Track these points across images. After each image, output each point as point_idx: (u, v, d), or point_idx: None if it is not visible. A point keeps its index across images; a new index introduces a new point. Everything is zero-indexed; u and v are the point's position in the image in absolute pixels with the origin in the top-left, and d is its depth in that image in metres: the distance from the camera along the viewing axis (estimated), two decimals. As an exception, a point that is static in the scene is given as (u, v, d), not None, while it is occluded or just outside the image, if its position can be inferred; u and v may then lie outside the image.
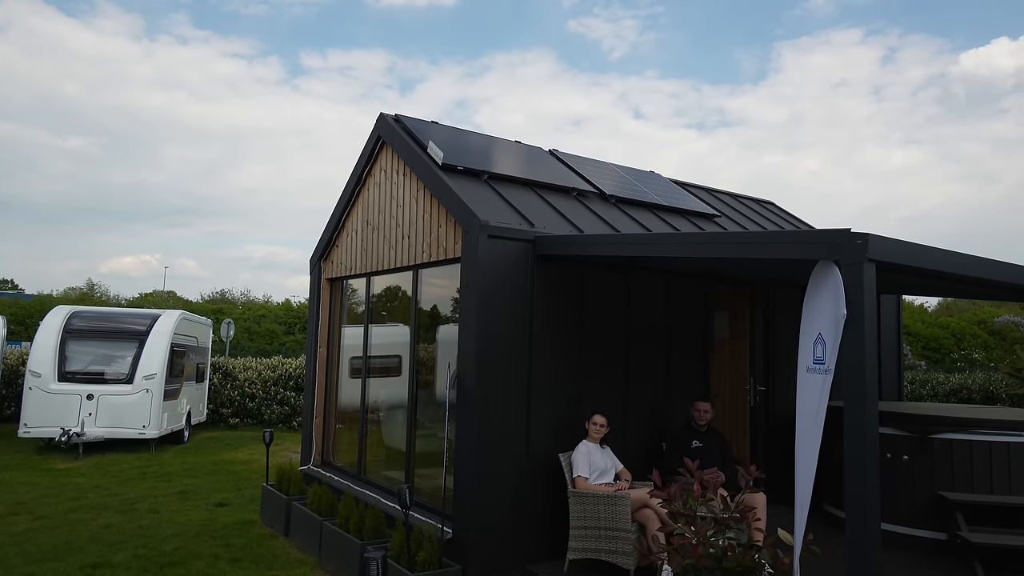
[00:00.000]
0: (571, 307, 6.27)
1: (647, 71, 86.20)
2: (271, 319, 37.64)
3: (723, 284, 7.58)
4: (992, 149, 76.18)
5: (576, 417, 6.17)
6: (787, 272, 6.51)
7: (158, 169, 77.34)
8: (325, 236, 8.84)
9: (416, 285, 7.00)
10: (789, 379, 7.99)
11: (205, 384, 16.13)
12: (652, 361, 6.84)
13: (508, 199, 6.62)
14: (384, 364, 7.91)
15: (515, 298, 5.88)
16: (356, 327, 8.37)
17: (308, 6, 76.65)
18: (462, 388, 5.74)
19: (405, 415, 7.26)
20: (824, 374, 3.93)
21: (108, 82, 72.99)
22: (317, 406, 8.73)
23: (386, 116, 7.56)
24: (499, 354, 5.75)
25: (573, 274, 6.31)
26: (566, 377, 6.19)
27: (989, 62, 68.10)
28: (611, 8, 76.60)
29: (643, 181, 8.91)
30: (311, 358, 8.89)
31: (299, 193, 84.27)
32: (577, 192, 7.59)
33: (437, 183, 6.42)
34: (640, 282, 6.79)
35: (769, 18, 77.76)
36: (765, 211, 10.61)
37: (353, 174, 8.16)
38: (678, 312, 7.09)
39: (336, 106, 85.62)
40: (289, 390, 17.05)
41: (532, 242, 6.01)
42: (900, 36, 70.72)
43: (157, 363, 12.80)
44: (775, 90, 79.97)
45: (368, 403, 7.97)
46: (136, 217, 79.01)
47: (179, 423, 13.84)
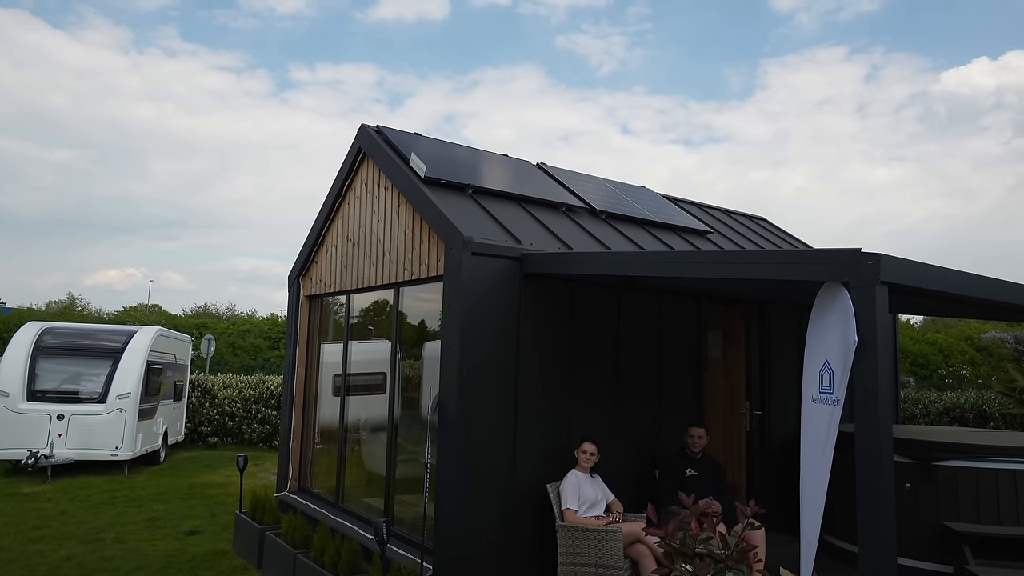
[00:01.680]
0: (560, 327, 5.97)
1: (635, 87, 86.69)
2: (256, 333, 37.12)
3: (716, 303, 7.31)
4: (974, 166, 77.16)
5: (565, 443, 5.85)
6: (786, 292, 6.25)
7: (145, 182, 76.71)
8: (304, 252, 8.51)
9: (398, 304, 6.68)
10: (785, 403, 7.72)
11: (183, 402, 15.67)
12: (644, 383, 6.53)
13: (494, 214, 6.32)
14: (367, 382, 7.58)
15: (500, 319, 5.57)
16: (337, 343, 8.03)
17: (298, 20, 76.62)
18: (444, 413, 5.41)
19: (387, 438, 6.91)
20: (832, 404, 3.64)
21: (95, 94, 72.45)
22: (294, 429, 8.36)
23: (367, 127, 7.27)
24: (484, 378, 5.43)
25: (562, 293, 6.01)
26: (554, 401, 5.88)
27: (970, 81, 69.20)
28: (599, 25, 77.11)
29: (634, 196, 8.65)
30: (288, 378, 8.53)
31: (286, 207, 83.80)
32: (566, 207, 7.31)
33: (419, 197, 6.12)
34: (631, 301, 6.50)
35: (755, 36, 78.56)
36: (758, 227, 10.38)
37: (333, 187, 7.85)
38: (670, 332, 6.80)
39: (325, 120, 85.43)
40: (271, 408, 16.60)
41: (519, 260, 5.71)
42: (883, 54, 71.65)
43: (132, 381, 12.36)
44: (761, 107, 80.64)
45: (347, 424, 7.61)
46: (122, 230, 78.23)
47: (155, 443, 13.38)
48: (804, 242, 10.55)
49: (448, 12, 76.01)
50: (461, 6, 76.64)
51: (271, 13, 75.42)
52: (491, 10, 77.28)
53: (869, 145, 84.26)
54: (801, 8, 68.84)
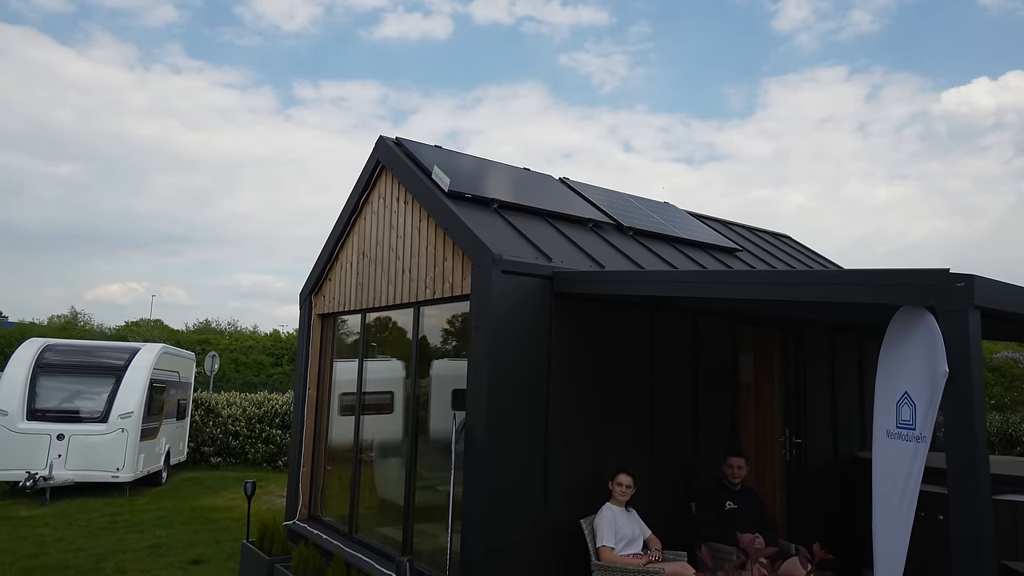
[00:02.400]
0: (592, 350, 5.62)
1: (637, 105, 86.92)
2: (259, 350, 36.75)
3: (749, 324, 6.96)
4: (975, 185, 77.05)
5: (598, 474, 5.49)
6: (835, 314, 5.88)
7: (149, 197, 76.61)
8: (317, 268, 8.19)
9: (417, 324, 6.34)
10: (823, 430, 7.35)
11: (186, 421, 15.30)
12: (678, 409, 6.18)
13: (521, 230, 6.00)
14: (375, 401, 7.25)
15: (531, 341, 5.23)
16: (347, 362, 7.69)
17: (302, 38, 76.87)
18: (471, 444, 5.06)
19: (401, 463, 6.55)
20: (915, 442, 3.28)
21: (101, 110, 72.58)
22: (304, 453, 7.99)
23: (386, 139, 6.97)
24: (513, 404, 5.08)
25: (594, 313, 5.67)
26: (587, 429, 5.52)
27: (970, 101, 69.27)
28: (601, 43, 77.39)
29: (659, 212, 8.33)
30: (299, 400, 8.17)
31: (290, 223, 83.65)
32: (593, 223, 6.99)
33: (443, 211, 5.80)
34: (665, 322, 6.16)
35: (756, 55, 78.81)
36: (784, 245, 10.06)
37: (349, 201, 7.54)
38: (705, 355, 6.45)
39: (329, 136, 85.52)
40: (275, 428, 16.21)
41: (549, 278, 5.38)
42: (883, 74, 71.79)
43: (134, 400, 12.00)
44: (762, 125, 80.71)
45: (362, 448, 7.24)
46: (125, 244, 78.06)
47: (157, 464, 13.00)
48: (832, 261, 10.22)
49: (452, 31, 76.32)
50: (464, 25, 77.04)
51: (276, 31, 75.74)
52: (494, 29, 77.65)
53: (870, 164, 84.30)
54: (802, 28, 69.11)
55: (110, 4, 68.28)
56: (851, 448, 7.64)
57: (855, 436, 7.74)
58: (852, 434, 7.70)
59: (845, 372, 7.72)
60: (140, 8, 68.13)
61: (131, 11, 68.35)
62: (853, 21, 68.80)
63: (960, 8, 67.44)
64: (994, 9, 64.94)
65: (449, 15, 75.87)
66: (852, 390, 7.79)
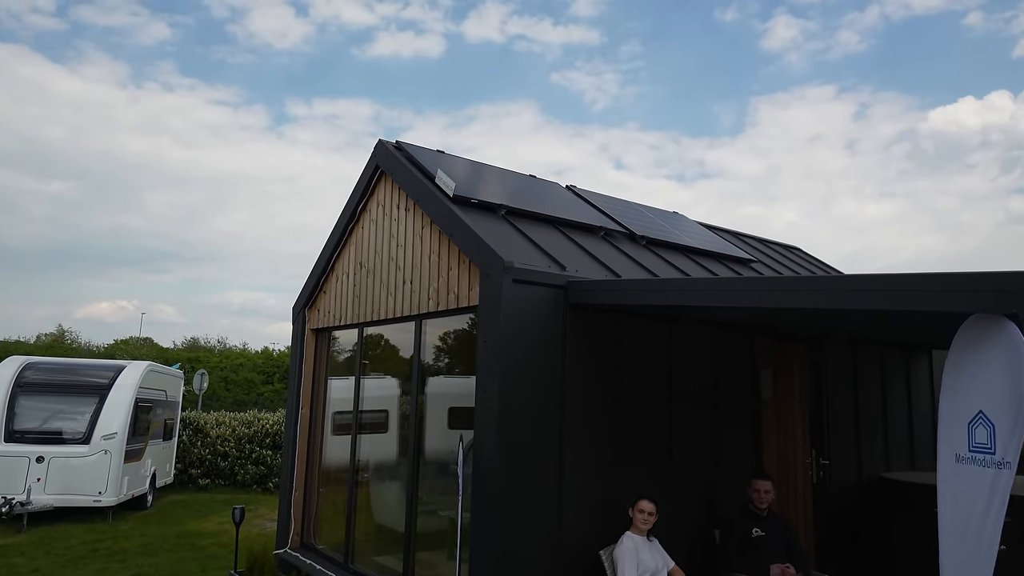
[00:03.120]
0: (608, 365, 5.23)
1: (628, 123, 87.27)
2: (249, 368, 36.13)
3: (768, 337, 6.60)
4: (963, 203, 77.64)
5: (616, 499, 5.07)
6: (879, 326, 5.50)
7: (140, 214, 75.94)
8: (311, 281, 7.78)
9: (419, 339, 5.94)
10: (848, 450, 6.96)
11: (173, 442, 14.75)
12: (698, 428, 5.78)
13: (531, 237, 5.63)
14: (369, 420, 6.85)
15: (544, 355, 4.83)
16: (342, 379, 7.28)
17: (295, 56, 76.76)
18: (479, 468, 4.64)
19: (399, 486, 6.14)
20: (995, 468, 2.89)
21: (92, 127, 72.08)
22: (297, 476, 7.53)
23: (385, 143, 6.60)
24: (525, 425, 4.67)
25: (610, 326, 5.29)
26: (603, 450, 5.11)
27: (956, 119, 70.14)
28: (593, 62, 77.80)
29: (670, 222, 7.98)
30: (291, 420, 7.72)
31: (282, 240, 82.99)
32: (605, 232, 6.62)
33: (448, 218, 5.42)
34: (683, 335, 5.78)
35: (746, 73, 79.46)
36: (795, 256, 9.73)
37: (346, 210, 7.15)
38: (724, 370, 6.07)
39: (321, 154, 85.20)
40: (265, 448, 15.66)
41: (563, 288, 5.00)
42: (871, 93, 72.48)
43: (119, 420, 11.49)
44: (752, 143, 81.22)
45: (358, 471, 6.80)
46: (115, 262, 77.25)
47: (142, 487, 12.45)
48: (840, 271, 9.89)
49: (444, 49, 76.46)
50: (457, 43, 77.26)
51: (268, 49, 75.63)
52: (486, 47, 77.92)
53: (859, 181, 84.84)
54: (790, 48, 69.82)
55: (103, 22, 68.05)
56: (875, 468, 7.25)
57: (879, 455, 7.36)
58: (876, 453, 7.32)
59: (867, 387, 7.36)
60: (133, 26, 67.89)
61: (124, 29, 68.11)
62: (841, 41, 69.57)
63: (945, 29, 68.36)
64: (978, 30, 65.89)
65: (441, 34, 76.07)
66: (875, 406, 7.42)
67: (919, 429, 7.89)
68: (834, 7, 67.33)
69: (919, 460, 7.81)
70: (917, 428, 7.87)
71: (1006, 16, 64.28)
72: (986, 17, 64.56)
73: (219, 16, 69.08)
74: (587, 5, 69.41)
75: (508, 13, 71.90)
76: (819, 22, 69.40)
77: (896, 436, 7.59)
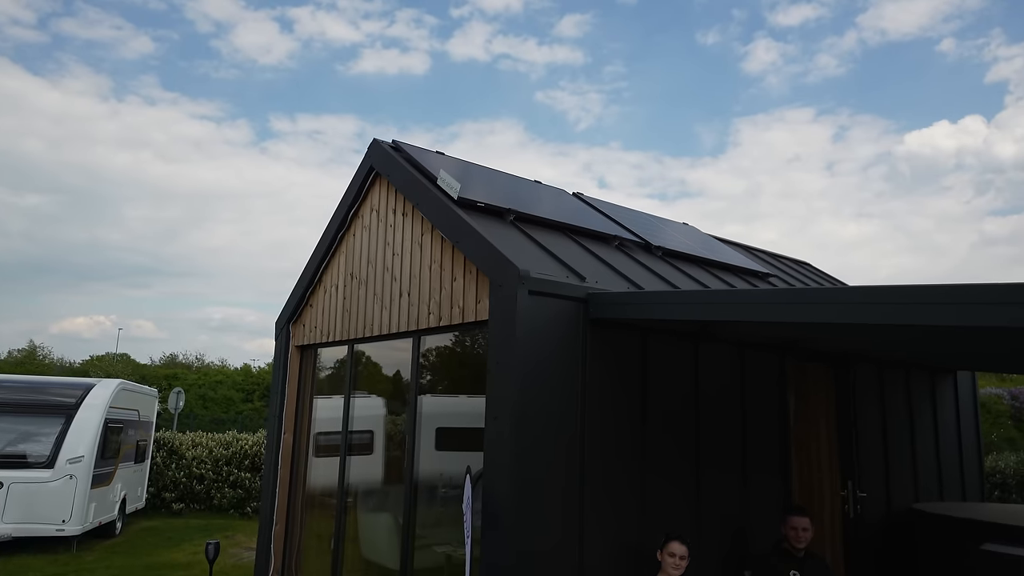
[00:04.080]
0: (632, 388, 4.68)
1: (611, 142, 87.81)
2: (228, 385, 35.18)
3: (797, 358, 6.09)
4: (938, 224, 78.80)
5: (642, 541, 4.50)
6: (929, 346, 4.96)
7: (118, 228, 74.61)
8: (296, 293, 7.17)
9: (417, 357, 5.35)
10: (877, 479, 6.45)
11: (146, 464, 13.95)
12: (727, 458, 5.24)
13: (544, 245, 5.09)
14: (354, 441, 6.30)
15: (562, 379, 4.27)
16: (325, 399, 6.69)
17: (279, 71, 76.24)
18: (490, 507, 4.06)
19: (389, 518, 5.54)
20: None
21: (71, 140, 70.87)
22: (278, 508, 6.87)
23: (381, 142, 6.05)
24: (542, 459, 4.10)
25: (633, 345, 4.75)
26: (627, 484, 4.55)
27: (932, 143, 71.51)
28: (577, 82, 78.19)
29: (682, 233, 7.49)
30: (272, 447, 7.07)
31: (263, 255, 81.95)
32: (619, 241, 6.10)
33: (452, 222, 4.87)
34: (710, 355, 5.25)
35: (727, 95, 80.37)
36: (808, 271, 9.27)
37: (335, 216, 6.58)
38: (753, 394, 5.54)
39: (304, 169, 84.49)
40: (244, 470, 14.91)
41: (583, 301, 4.45)
42: (849, 116, 73.58)
43: (86, 443, 10.73)
44: (734, 163, 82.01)
45: (346, 498, 6.17)
46: (92, 277, 75.71)
47: (110, 514, 11.66)
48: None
49: (429, 67, 76.40)
50: (442, 61, 77.23)
51: (253, 64, 75.02)
52: (471, 65, 77.99)
53: (838, 202, 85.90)
54: (771, 70, 70.70)
55: (85, 35, 67.17)
56: (905, 498, 6.74)
57: (908, 484, 6.85)
58: (906, 482, 6.81)
59: (895, 411, 6.86)
60: (116, 40, 67.08)
61: (106, 43, 67.27)
62: (820, 64, 70.58)
63: (920, 54, 69.65)
64: (951, 56, 67.15)
65: (427, 51, 76.03)
66: (903, 431, 6.92)
67: (946, 456, 7.40)
68: (813, 32, 68.41)
69: (948, 489, 7.31)
70: (944, 455, 7.38)
71: (978, 43, 65.70)
72: (959, 44, 65.88)
73: (204, 31, 68.55)
74: (571, 26, 69.81)
75: (493, 32, 72.11)
76: (798, 46, 70.38)
77: (924, 463, 7.09)
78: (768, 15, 69.91)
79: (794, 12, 67.16)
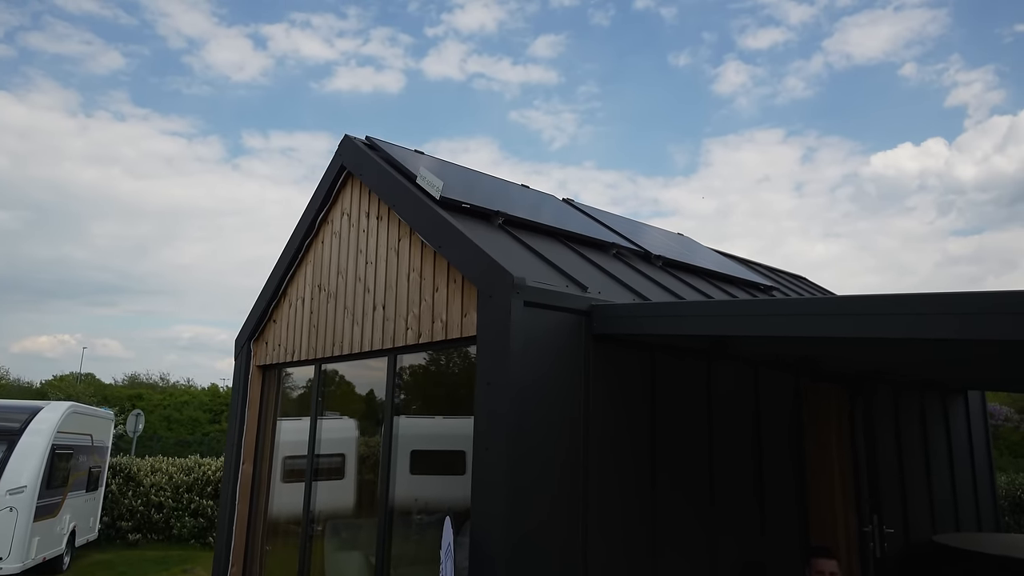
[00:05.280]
0: (640, 416, 4.10)
1: (585, 161, 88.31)
2: (195, 406, 33.95)
3: (812, 378, 5.56)
4: (903, 244, 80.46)
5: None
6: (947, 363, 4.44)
7: (85, 246, 72.65)
8: (258, 308, 6.50)
9: (393, 377, 4.72)
10: (894, 510, 5.92)
11: (100, 492, 13.01)
12: (743, 491, 4.67)
13: (538, 251, 4.51)
14: (323, 465, 5.67)
15: (562, 403, 3.68)
16: (291, 421, 6.02)
17: (252, 88, 75.26)
18: (480, 560, 3.43)
19: (361, 556, 4.90)
20: None
21: (37, 156, 69.05)
22: (235, 548, 6.14)
23: (353, 139, 5.45)
24: (541, 500, 3.49)
25: (641, 364, 4.17)
26: (635, 527, 3.95)
27: (896, 164, 73.30)
28: (551, 101, 78.51)
29: (679, 243, 6.97)
30: (230, 478, 6.35)
31: (235, 273, 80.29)
32: (617, 250, 5.54)
33: (434, 225, 4.27)
34: (724, 375, 4.70)
35: (698, 116, 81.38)
36: (806, 285, 8.81)
37: (302, 222, 5.95)
38: (769, 418, 5.00)
39: (277, 187, 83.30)
40: (206, 498, 14.01)
41: (586, 314, 3.87)
42: (817, 137, 75.01)
43: (29, 471, 9.85)
44: (705, 183, 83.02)
45: (312, 521, 5.49)
46: (57, 295, 73.49)
47: (57, 547, 10.75)
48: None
49: (404, 85, 76.03)
50: (416, 79, 76.94)
51: (226, 81, 73.93)
52: (446, 84, 77.81)
53: (806, 222, 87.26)
54: (740, 92, 71.78)
55: (54, 49, 65.66)
56: (923, 530, 6.22)
57: (925, 514, 6.33)
58: (922, 511, 6.30)
59: (909, 435, 6.36)
60: (85, 55, 65.62)
61: (75, 57, 65.78)
62: (788, 87, 71.87)
63: (884, 78, 71.26)
64: (913, 80, 68.84)
65: (401, 70, 75.66)
66: (918, 456, 6.42)
67: (961, 483, 6.91)
68: (781, 55, 69.60)
69: (964, 519, 6.82)
70: (958, 480, 6.90)
71: (938, 68, 67.32)
72: (920, 68, 67.45)
73: (176, 47, 67.42)
74: (545, 46, 70.12)
75: (468, 52, 72.11)
76: (767, 68, 71.56)
77: (940, 490, 6.59)
78: (737, 38, 71.06)
79: (763, 36, 68.41)
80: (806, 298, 3.23)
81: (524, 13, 69.75)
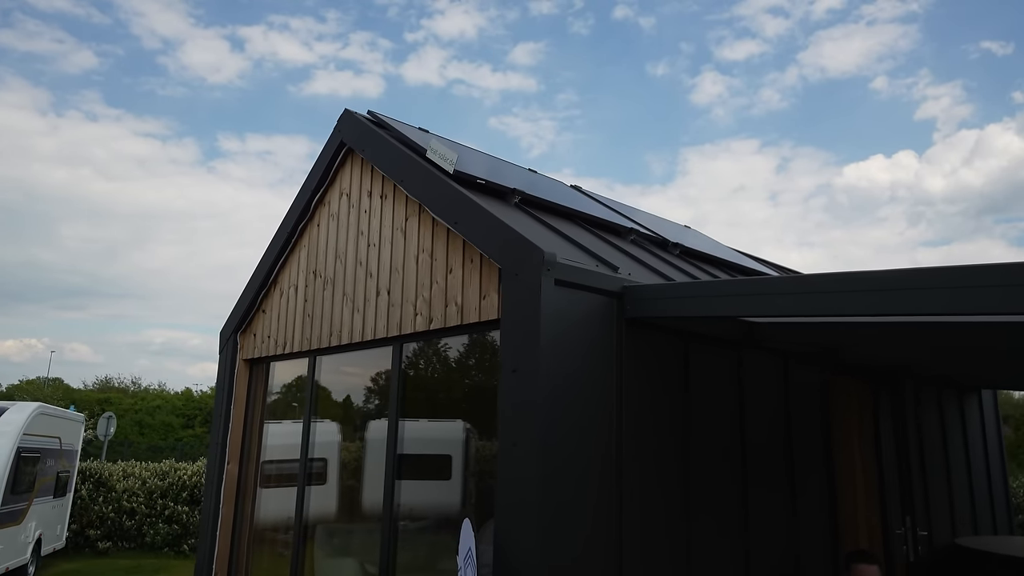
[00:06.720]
0: (674, 409, 3.77)
1: (564, 169, 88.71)
2: (167, 410, 33.13)
3: (836, 370, 5.29)
4: (875, 253, 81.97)
5: (689, 600, 3.56)
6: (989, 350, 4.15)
7: (53, 248, 70.96)
8: (247, 297, 6.08)
9: (399, 367, 4.35)
10: (921, 511, 5.66)
11: (68, 498, 12.40)
12: (775, 488, 4.36)
13: (560, 231, 4.17)
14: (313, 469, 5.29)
15: (594, 392, 3.34)
16: (276, 424, 5.62)
17: (229, 91, 74.24)
18: (506, 563, 3.07)
19: (355, 566, 4.53)
20: None
21: (5, 155, 67.33)
22: (219, 557, 5.70)
23: (354, 114, 5.08)
24: (576, 504, 3.14)
25: (674, 350, 3.85)
26: (669, 526, 3.61)
27: (868, 175, 74.67)
28: (530, 109, 78.69)
29: (690, 233, 6.69)
30: (214, 480, 5.91)
31: (208, 277, 78.92)
32: (635, 236, 5.22)
33: (449, 200, 3.92)
34: (754, 365, 4.39)
35: (676, 125, 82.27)
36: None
37: (295, 205, 5.55)
38: (798, 411, 4.70)
39: (253, 190, 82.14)
40: (181, 503, 13.45)
41: (618, 295, 3.54)
42: (791, 148, 76.16)
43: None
44: (682, 191, 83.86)
45: (304, 529, 5.08)
46: (24, 298, 71.67)
47: (21, 557, 10.16)
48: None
49: (383, 90, 75.63)
50: (396, 84, 76.58)
51: (201, 83, 72.83)
52: (425, 90, 77.58)
53: (781, 231, 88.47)
54: (717, 103, 72.58)
55: (24, 47, 64.17)
56: (944, 531, 5.97)
57: (945, 515, 6.09)
58: (943, 512, 6.05)
59: (930, 433, 6.12)
60: (57, 53, 64.25)
61: (47, 56, 64.36)
62: (763, 98, 72.79)
63: (856, 91, 72.56)
64: (883, 94, 70.14)
65: (380, 75, 75.21)
66: (938, 455, 6.18)
67: (977, 482, 6.69)
68: (757, 67, 70.50)
69: (981, 520, 6.59)
70: (975, 480, 6.68)
71: (907, 82, 68.67)
72: (891, 82, 68.71)
73: (150, 47, 66.36)
74: (525, 54, 70.19)
75: (448, 58, 71.90)
76: (743, 80, 72.36)
77: (959, 490, 6.36)
78: (715, 49, 71.85)
79: (739, 47, 69.24)
80: (843, 272, 2.92)
81: (504, 20, 69.74)
